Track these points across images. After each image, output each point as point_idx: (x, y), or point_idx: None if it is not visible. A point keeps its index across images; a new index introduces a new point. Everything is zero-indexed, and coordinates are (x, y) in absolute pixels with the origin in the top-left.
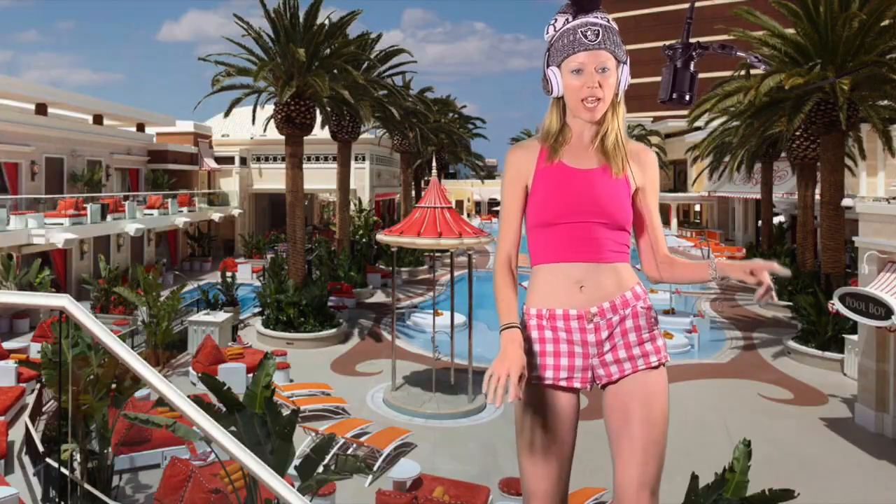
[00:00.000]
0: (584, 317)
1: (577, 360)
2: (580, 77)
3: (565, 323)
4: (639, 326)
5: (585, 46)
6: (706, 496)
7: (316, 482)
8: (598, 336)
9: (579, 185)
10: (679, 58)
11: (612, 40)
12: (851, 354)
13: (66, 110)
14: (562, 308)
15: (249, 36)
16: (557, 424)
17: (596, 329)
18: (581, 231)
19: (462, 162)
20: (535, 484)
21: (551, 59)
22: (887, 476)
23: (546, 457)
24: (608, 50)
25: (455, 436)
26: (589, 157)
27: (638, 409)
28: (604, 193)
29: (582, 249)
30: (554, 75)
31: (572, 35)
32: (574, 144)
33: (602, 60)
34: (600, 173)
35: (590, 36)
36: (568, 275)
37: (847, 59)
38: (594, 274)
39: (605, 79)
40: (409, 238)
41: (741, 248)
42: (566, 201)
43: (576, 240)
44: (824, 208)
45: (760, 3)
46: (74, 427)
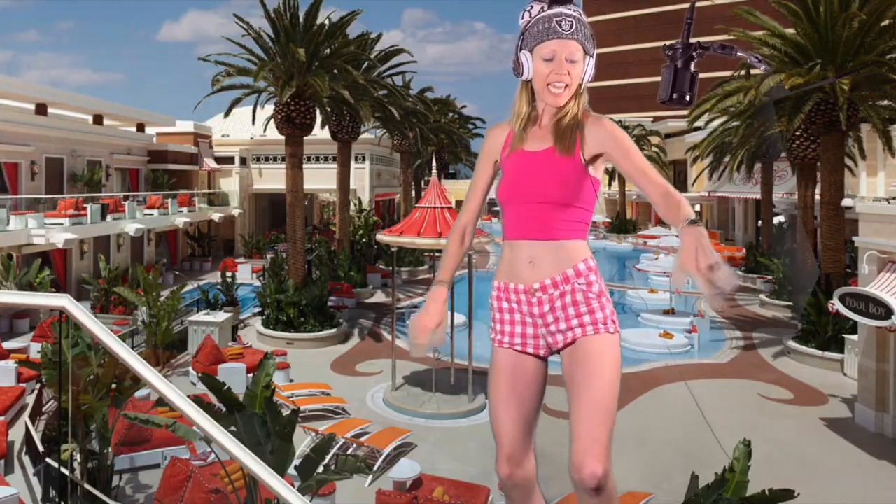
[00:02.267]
0: (528, 291)
1: (528, 328)
2: (550, 64)
3: (516, 296)
4: (576, 301)
5: (559, 35)
6: (706, 496)
7: (316, 482)
8: (541, 309)
9: (527, 168)
10: (679, 58)
11: (583, 33)
12: (851, 354)
13: (66, 110)
14: (514, 282)
15: (249, 36)
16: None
17: (539, 303)
18: (529, 211)
19: (462, 162)
20: (499, 427)
21: (524, 44)
22: (887, 476)
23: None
24: (578, 41)
25: (455, 436)
26: (543, 138)
27: (580, 373)
28: (548, 174)
29: (530, 228)
30: (526, 59)
31: (547, 23)
32: (534, 129)
33: (572, 50)
34: (549, 154)
35: (564, 26)
36: (521, 250)
37: (847, 59)
38: (541, 251)
39: (572, 68)
40: (409, 238)
41: (741, 247)
42: (515, 183)
43: (525, 219)
44: (824, 208)
45: (760, 3)
46: (74, 427)
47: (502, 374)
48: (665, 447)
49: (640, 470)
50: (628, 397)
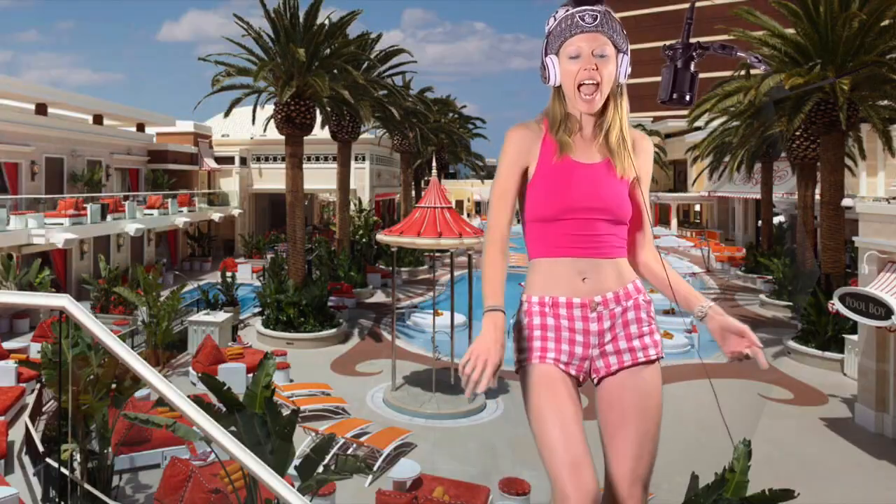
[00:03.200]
0: (588, 305)
1: (577, 348)
2: (577, 62)
3: (568, 311)
4: (640, 318)
5: (582, 29)
6: (706, 496)
7: (316, 482)
8: (601, 325)
9: (583, 181)
10: (679, 58)
11: (611, 26)
12: (851, 354)
13: (66, 110)
14: (565, 296)
15: (249, 36)
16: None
17: (599, 318)
18: (584, 227)
19: (462, 162)
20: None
21: (549, 48)
22: (887, 476)
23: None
24: (606, 34)
25: (455, 436)
26: (592, 150)
27: (635, 402)
28: (607, 190)
29: (585, 245)
30: (552, 63)
31: (570, 20)
32: (578, 137)
33: (600, 44)
34: (604, 168)
35: (587, 19)
36: (571, 267)
37: (847, 59)
38: (596, 268)
39: (603, 64)
40: (409, 238)
41: (741, 248)
42: (571, 197)
43: (579, 236)
44: (824, 208)
45: (760, 3)
46: (74, 427)
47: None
48: (665, 447)
49: None
50: None
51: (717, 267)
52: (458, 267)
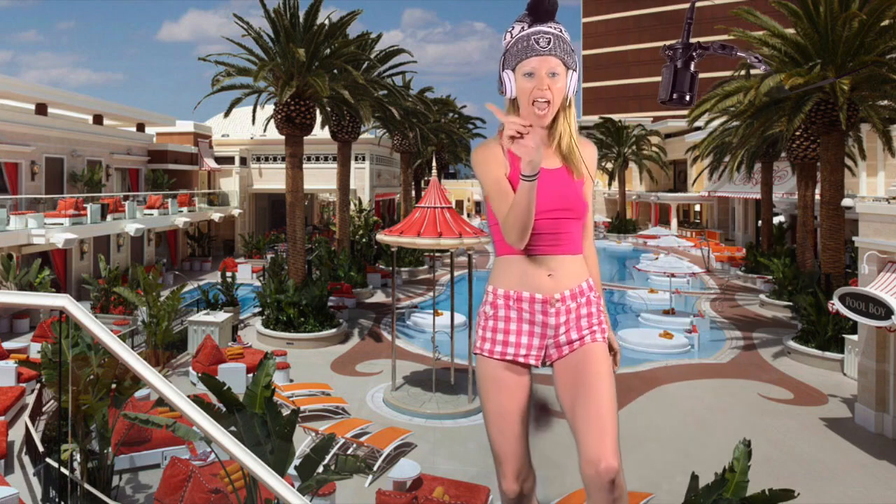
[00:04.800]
0: (549, 301)
1: (535, 339)
2: (532, 80)
3: (530, 305)
4: (591, 313)
5: (537, 52)
6: (706, 496)
7: (316, 482)
8: (558, 320)
9: (550, 185)
10: (679, 58)
11: (562, 48)
12: (851, 354)
13: (66, 110)
14: (528, 291)
15: (249, 36)
16: (513, 393)
17: (556, 313)
18: (550, 226)
19: (462, 162)
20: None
21: (506, 63)
22: (887, 476)
23: (512, 421)
24: (558, 56)
25: (455, 436)
26: (549, 156)
27: (587, 371)
28: (569, 191)
29: (552, 243)
30: (508, 78)
31: (525, 42)
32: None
33: (552, 66)
34: (563, 172)
35: (542, 43)
36: (539, 263)
37: (847, 59)
38: (562, 264)
39: (553, 83)
40: (409, 238)
41: (741, 247)
42: (540, 201)
43: (546, 235)
44: (824, 208)
45: (760, 3)
46: (74, 427)
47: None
48: (665, 447)
49: (640, 470)
50: (628, 397)
51: (717, 267)
52: (458, 267)
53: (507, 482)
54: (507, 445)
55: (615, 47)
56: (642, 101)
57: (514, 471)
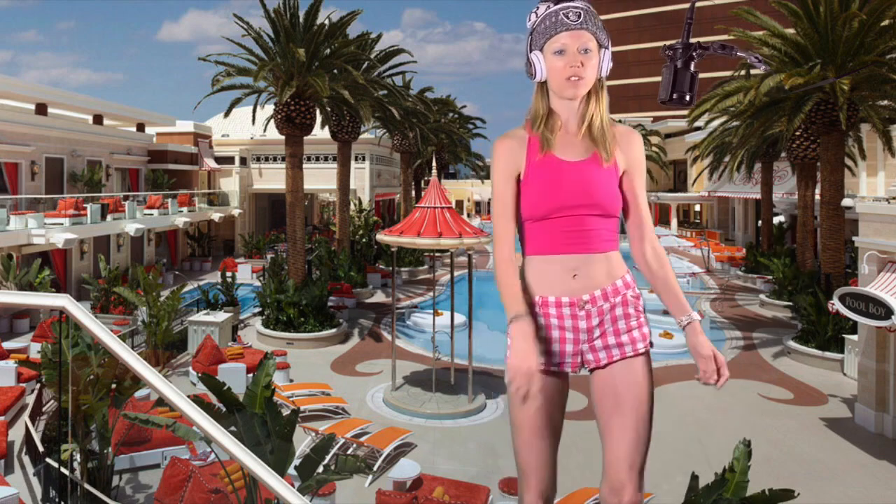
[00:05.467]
0: (577, 304)
1: (567, 345)
2: (563, 58)
3: (557, 310)
4: (628, 314)
5: (567, 27)
6: (706, 496)
7: (316, 482)
8: (590, 323)
9: (572, 179)
10: (679, 58)
11: (593, 23)
12: (851, 354)
13: (66, 110)
14: (554, 296)
15: (249, 36)
16: (547, 405)
17: (587, 316)
18: (574, 224)
19: (462, 162)
20: (528, 460)
21: (534, 44)
22: (887, 476)
23: (537, 435)
24: (590, 31)
25: (455, 436)
26: (577, 147)
27: (627, 390)
28: (595, 185)
29: (576, 241)
30: (537, 59)
31: (554, 17)
32: (562, 135)
33: (584, 41)
34: (591, 163)
35: (571, 17)
36: (562, 264)
37: (847, 59)
38: (587, 264)
39: (587, 59)
40: (409, 238)
41: (741, 248)
42: (561, 196)
43: (570, 232)
44: (824, 208)
45: (760, 3)
46: (74, 427)
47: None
48: (665, 447)
49: None
50: None
51: (717, 267)
52: (458, 267)
53: (530, 496)
54: (535, 459)
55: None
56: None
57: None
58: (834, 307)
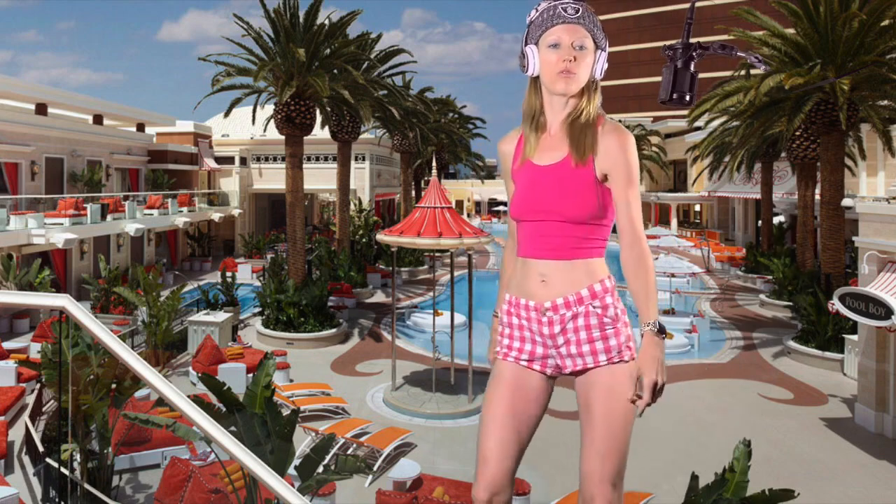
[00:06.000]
0: (539, 310)
1: (537, 347)
2: (557, 51)
3: (526, 312)
4: (589, 325)
5: (564, 20)
6: (706, 496)
7: (316, 482)
8: (551, 330)
9: (543, 184)
10: (679, 58)
11: (592, 20)
12: (851, 354)
13: (66, 110)
14: (524, 298)
15: (249, 36)
16: (515, 398)
17: (549, 323)
18: (543, 229)
19: (462, 162)
20: (487, 447)
21: (529, 37)
22: (887, 476)
23: (501, 424)
24: (586, 27)
25: (455, 436)
26: (554, 149)
27: (599, 402)
28: (560, 189)
29: (542, 246)
30: (532, 52)
31: (552, 10)
32: (545, 137)
33: (580, 36)
34: (562, 167)
35: (569, 11)
36: (533, 268)
37: (847, 59)
38: (554, 270)
39: (581, 55)
40: (409, 238)
41: (741, 247)
42: (525, 200)
43: (537, 237)
44: (824, 208)
45: (760, 3)
46: (74, 427)
47: (502, 388)
48: (665, 447)
49: (640, 470)
50: None
51: (717, 267)
52: (458, 267)
53: (477, 489)
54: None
55: (615, 47)
56: (642, 101)
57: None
58: (834, 307)
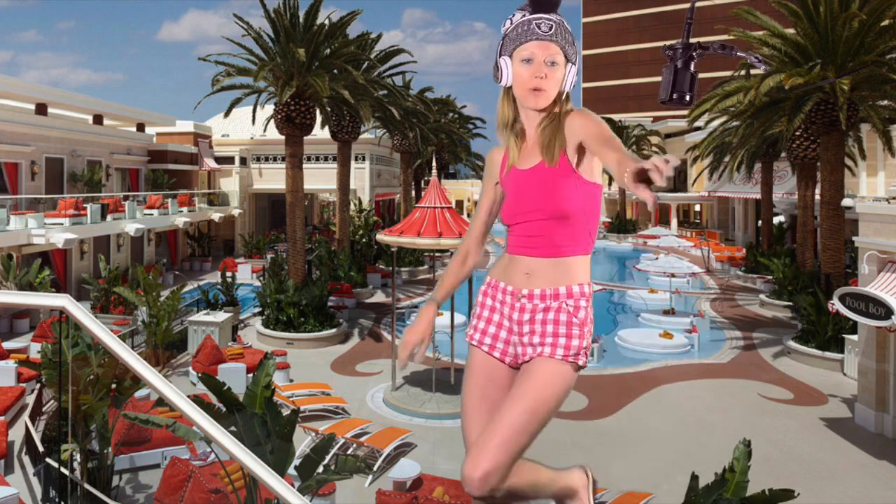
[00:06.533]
0: (515, 294)
1: (502, 332)
2: (529, 66)
3: (503, 296)
4: (557, 321)
5: (538, 36)
6: (706, 496)
7: (316, 482)
8: (521, 316)
9: (525, 186)
10: (679, 58)
11: (564, 37)
12: (851, 354)
13: (66, 110)
14: (504, 282)
15: (249, 36)
16: (488, 384)
17: (521, 309)
18: (528, 229)
19: (462, 162)
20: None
21: (504, 49)
22: (887, 476)
23: (478, 410)
24: (558, 44)
25: (455, 436)
26: (532, 153)
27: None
28: (543, 190)
29: (529, 246)
30: (505, 64)
31: (526, 26)
32: (524, 145)
33: (552, 53)
34: (539, 168)
35: (543, 28)
36: (520, 263)
37: (847, 59)
38: (540, 266)
39: (552, 71)
40: (409, 238)
41: (741, 247)
42: (512, 204)
43: (525, 237)
44: (824, 208)
45: (760, 3)
46: (74, 427)
47: (475, 375)
48: (665, 447)
49: (640, 470)
50: (628, 397)
51: (717, 267)
52: None
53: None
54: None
55: (615, 47)
56: (642, 101)
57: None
58: (834, 307)
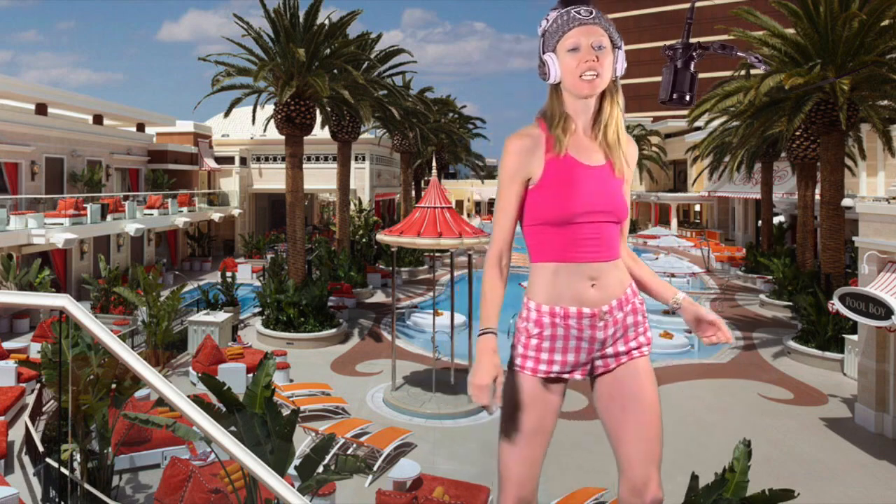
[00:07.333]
0: (597, 315)
1: (581, 355)
2: (577, 55)
3: (578, 321)
4: (637, 322)
5: (580, 22)
6: (706, 496)
7: (316, 482)
8: (606, 333)
9: (592, 184)
10: (679, 58)
11: (605, 20)
12: (851, 354)
13: (66, 110)
14: (575, 306)
15: (249, 36)
16: (544, 414)
17: (605, 326)
18: (594, 230)
19: (462, 162)
20: (513, 468)
21: (546, 45)
22: (887, 476)
23: (531, 442)
24: (602, 27)
25: (455, 436)
26: (593, 151)
27: (634, 390)
28: (613, 192)
29: (594, 249)
30: (551, 59)
31: (566, 16)
32: (578, 136)
33: (597, 37)
34: (607, 170)
35: (583, 13)
36: (579, 273)
37: (847, 59)
38: (604, 272)
39: (602, 55)
40: (409, 238)
41: (741, 248)
42: (583, 201)
43: (589, 239)
44: (824, 208)
45: (760, 3)
46: (74, 427)
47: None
48: (665, 447)
49: None
50: None
51: (717, 267)
52: (458, 267)
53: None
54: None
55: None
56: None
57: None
58: (834, 307)
